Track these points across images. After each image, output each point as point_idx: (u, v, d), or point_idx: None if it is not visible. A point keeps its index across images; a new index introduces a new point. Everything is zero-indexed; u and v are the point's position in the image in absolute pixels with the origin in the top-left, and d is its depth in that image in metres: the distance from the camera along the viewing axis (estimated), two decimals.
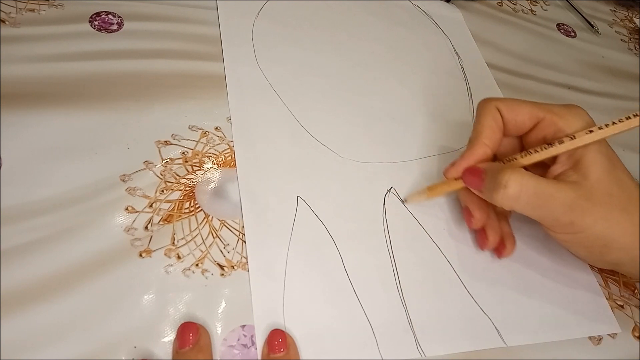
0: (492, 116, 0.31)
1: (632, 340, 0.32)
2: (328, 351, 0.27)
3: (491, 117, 0.31)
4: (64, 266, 0.26)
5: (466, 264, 0.32)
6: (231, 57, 0.37)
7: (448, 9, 0.49)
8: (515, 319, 0.31)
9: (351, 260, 0.30)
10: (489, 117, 0.31)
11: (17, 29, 0.34)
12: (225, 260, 0.28)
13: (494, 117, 0.31)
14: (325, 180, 0.33)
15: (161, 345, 0.25)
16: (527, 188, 0.28)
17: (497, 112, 0.31)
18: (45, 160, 0.29)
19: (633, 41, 0.57)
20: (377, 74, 0.41)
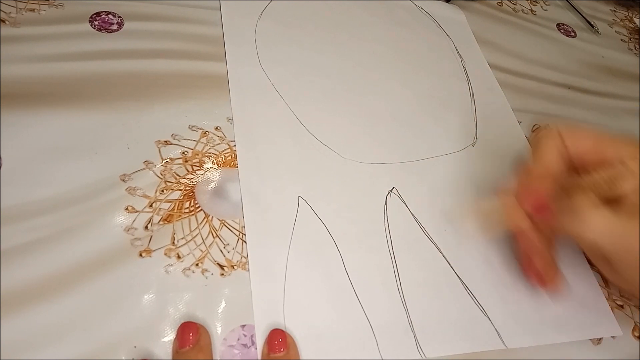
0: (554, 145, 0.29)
1: (632, 340, 0.32)
2: (328, 351, 0.27)
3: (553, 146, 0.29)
4: (64, 266, 0.26)
5: (467, 265, 0.32)
6: (234, 57, 0.37)
7: (451, 10, 0.49)
8: (515, 321, 0.31)
9: (352, 261, 0.30)
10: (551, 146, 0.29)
11: (17, 29, 0.34)
12: (225, 260, 0.28)
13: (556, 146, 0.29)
14: (327, 180, 0.33)
15: (161, 345, 0.25)
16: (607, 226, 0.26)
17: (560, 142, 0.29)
18: (45, 160, 0.29)
19: (633, 41, 0.57)
20: (379, 75, 0.41)
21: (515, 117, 0.42)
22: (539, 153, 0.29)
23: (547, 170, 0.29)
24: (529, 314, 0.31)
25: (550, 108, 0.45)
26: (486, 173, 0.37)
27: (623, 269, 0.28)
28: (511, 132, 0.41)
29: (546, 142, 0.29)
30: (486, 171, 0.37)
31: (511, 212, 0.30)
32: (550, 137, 0.29)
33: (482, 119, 0.41)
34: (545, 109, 0.45)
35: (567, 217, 0.27)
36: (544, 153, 0.29)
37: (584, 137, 0.29)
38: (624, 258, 0.27)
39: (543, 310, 0.32)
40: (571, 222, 0.26)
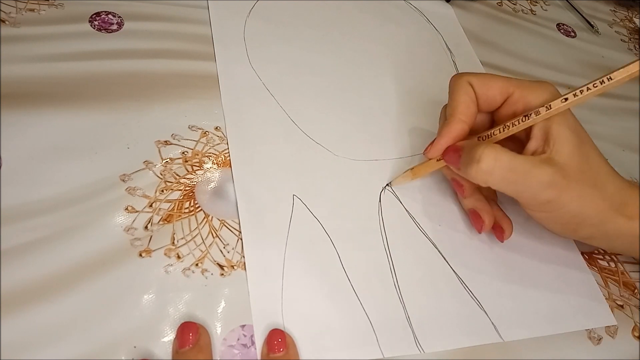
0: (465, 91, 0.31)
1: (632, 340, 0.32)
2: (327, 350, 0.27)
3: (464, 92, 0.31)
4: (64, 266, 0.26)
5: (462, 259, 0.32)
6: (223, 57, 0.37)
7: (440, 6, 0.50)
8: (511, 314, 0.31)
9: (348, 258, 0.30)
10: (461, 92, 0.31)
11: (17, 29, 0.34)
12: (225, 260, 0.28)
13: (467, 92, 0.31)
14: (321, 178, 0.33)
15: (161, 345, 0.25)
16: (501, 163, 0.27)
17: (469, 87, 0.31)
18: (45, 160, 0.29)
19: (633, 41, 0.57)
20: (370, 72, 0.41)
21: None
22: (450, 101, 0.32)
23: (455, 115, 0.31)
24: (525, 306, 0.31)
25: None
26: None
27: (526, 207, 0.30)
28: None
29: (457, 90, 0.31)
30: None
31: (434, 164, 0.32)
32: (459, 83, 0.31)
33: None
34: None
35: (467, 161, 0.28)
36: (454, 100, 0.31)
37: (492, 82, 0.31)
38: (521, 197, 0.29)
39: (538, 303, 0.32)
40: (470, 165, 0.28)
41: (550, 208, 0.29)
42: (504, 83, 0.31)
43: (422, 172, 0.33)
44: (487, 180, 0.28)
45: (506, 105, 0.31)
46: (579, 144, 0.29)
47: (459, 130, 0.31)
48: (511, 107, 0.31)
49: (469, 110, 0.31)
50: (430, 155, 0.32)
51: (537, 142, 0.29)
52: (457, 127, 0.31)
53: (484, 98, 0.31)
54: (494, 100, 0.31)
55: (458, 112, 0.31)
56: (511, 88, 0.31)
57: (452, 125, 0.31)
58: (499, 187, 0.29)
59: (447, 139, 0.31)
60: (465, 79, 0.31)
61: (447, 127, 0.31)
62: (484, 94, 0.31)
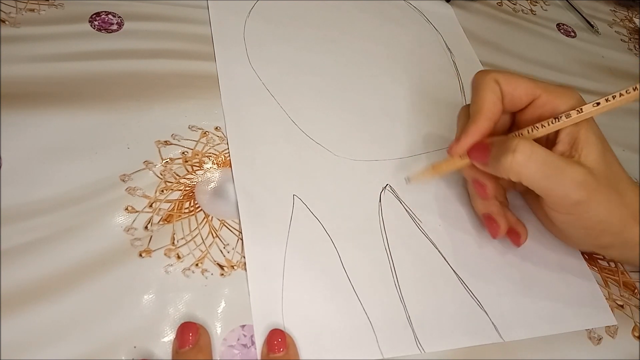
0: (491, 89, 0.30)
1: (632, 340, 0.32)
2: (328, 350, 0.27)
3: (491, 90, 0.30)
4: (64, 266, 0.26)
5: (462, 259, 0.32)
6: (223, 57, 0.37)
7: (440, 6, 0.50)
8: (512, 314, 0.31)
9: (349, 258, 0.30)
10: (488, 90, 0.30)
11: (17, 29, 0.34)
12: (225, 260, 0.28)
13: (493, 90, 0.30)
14: (321, 178, 0.33)
15: (161, 345, 0.25)
16: (537, 155, 0.27)
17: (496, 85, 0.30)
18: (45, 160, 0.29)
19: (633, 41, 0.57)
20: (370, 72, 0.41)
21: None
22: (477, 98, 0.31)
23: (482, 112, 0.30)
24: (525, 306, 0.31)
25: None
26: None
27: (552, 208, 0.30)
28: None
29: (484, 87, 0.30)
30: None
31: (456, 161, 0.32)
32: (487, 82, 0.30)
33: None
34: None
35: (500, 153, 0.28)
36: (481, 98, 0.30)
37: (519, 82, 0.30)
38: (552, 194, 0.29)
39: (539, 303, 0.32)
40: (504, 156, 0.28)
41: (578, 210, 0.28)
42: (531, 84, 0.30)
43: (444, 169, 0.33)
44: (520, 171, 0.28)
45: (532, 108, 0.31)
46: (604, 150, 0.29)
47: (486, 128, 0.30)
48: (537, 110, 0.30)
49: (496, 108, 0.30)
50: (455, 152, 0.31)
51: (564, 146, 0.29)
52: (484, 125, 0.30)
53: (509, 97, 0.31)
54: (520, 101, 0.31)
55: (485, 110, 0.30)
56: (538, 90, 0.30)
57: (479, 123, 0.30)
58: (531, 180, 0.28)
59: (473, 137, 0.30)
60: (492, 76, 0.30)
61: (474, 125, 0.30)
62: (510, 93, 0.30)
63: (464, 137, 0.30)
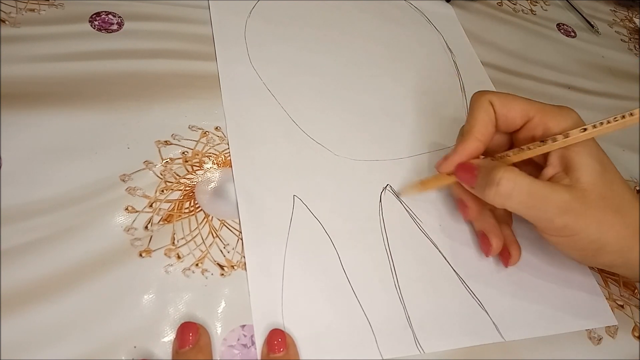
0: (485, 110, 0.31)
1: (632, 340, 0.32)
2: (327, 350, 0.27)
3: (484, 111, 0.31)
4: (64, 266, 0.26)
5: (462, 260, 0.32)
6: (224, 57, 0.37)
7: (440, 6, 0.50)
8: (512, 314, 0.31)
9: (349, 259, 0.30)
10: (481, 111, 0.31)
11: (17, 29, 0.34)
12: (225, 260, 0.28)
13: (487, 111, 0.31)
14: (321, 178, 0.33)
15: (161, 345, 0.25)
16: (521, 187, 0.27)
17: (490, 107, 0.31)
18: (45, 160, 0.29)
19: (633, 41, 0.57)
20: (371, 72, 0.41)
21: None
22: (470, 118, 0.31)
23: (472, 132, 0.31)
24: (526, 306, 0.31)
25: None
26: None
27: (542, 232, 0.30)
28: None
29: (478, 108, 0.31)
30: None
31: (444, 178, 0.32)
32: (481, 103, 0.31)
33: None
34: None
35: (485, 183, 0.28)
36: (474, 118, 0.31)
37: (514, 104, 0.31)
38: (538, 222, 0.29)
39: (539, 302, 0.32)
40: (489, 187, 0.28)
41: (566, 232, 0.28)
42: (526, 106, 0.30)
43: (431, 185, 0.33)
44: (504, 203, 0.28)
45: (525, 129, 0.31)
46: (602, 171, 0.29)
47: (474, 149, 0.31)
48: (530, 131, 0.30)
49: (487, 130, 0.31)
50: (442, 169, 0.31)
51: (554, 169, 0.29)
52: (472, 145, 0.30)
53: (503, 119, 0.31)
54: (514, 122, 0.31)
55: (475, 131, 0.30)
56: (532, 112, 0.30)
57: (467, 143, 0.31)
58: (516, 210, 0.28)
59: (460, 156, 0.31)
60: (487, 97, 0.31)
61: (462, 145, 0.31)
62: (504, 114, 0.31)
63: (451, 155, 0.31)
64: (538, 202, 0.28)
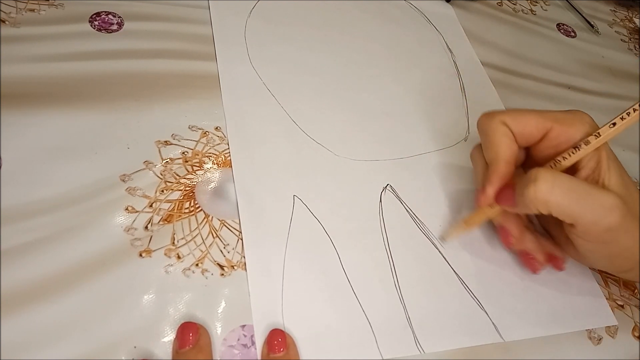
0: (502, 132, 0.30)
1: (632, 340, 0.32)
2: (327, 350, 0.27)
3: (502, 134, 0.30)
4: (64, 266, 0.26)
5: (462, 260, 0.32)
6: (224, 57, 0.37)
7: (440, 6, 0.50)
8: (512, 314, 0.31)
9: (349, 259, 0.30)
10: (499, 134, 0.30)
11: (17, 29, 0.34)
12: (225, 260, 0.28)
13: (504, 132, 0.30)
14: (321, 178, 0.33)
15: (161, 345, 0.25)
16: (561, 182, 0.26)
17: (505, 127, 0.30)
18: (45, 160, 0.29)
19: (633, 41, 0.57)
20: (371, 72, 0.41)
21: None
22: (490, 144, 0.30)
23: (499, 158, 0.30)
24: (525, 306, 0.31)
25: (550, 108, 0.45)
26: None
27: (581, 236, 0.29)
28: None
29: (494, 132, 0.30)
30: None
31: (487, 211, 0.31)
32: (495, 126, 0.30)
33: (474, 113, 0.41)
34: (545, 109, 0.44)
35: (522, 186, 0.27)
36: (494, 144, 0.30)
37: (527, 118, 0.30)
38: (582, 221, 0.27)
39: (539, 303, 0.32)
40: (527, 188, 0.27)
41: (608, 238, 0.27)
42: (539, 118, 0.30)
43: (475, 221, 0.32)
44: (547, 200, 0.27)
45: (546, 141, 0.30)
46: (622, 174, 0.28)
47: (507, 173, 0.30)
48: (552, 141, 0.30)
49: (511, 151, 0.30)
50: (484, 203, 0.30)
51: (587, 172, 0.29)
52: (504, 170, 0.29)
53: (520, 136, 0.30)
54: (531, 137, 0.30)
55: (501, 155, 0.29)
56: (548, 122, 0.30)
57: (499, 169, 0.29)
58: (560, 207, 0.27)
59: (498, 184, 0.30)
60: (498, 119, 0.30)
61: (495, 173, 0.30)
62: (521, 131, 0.30)
63: (488, 186, 0.30)
64: (582, 198, 0.26)
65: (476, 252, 0.33)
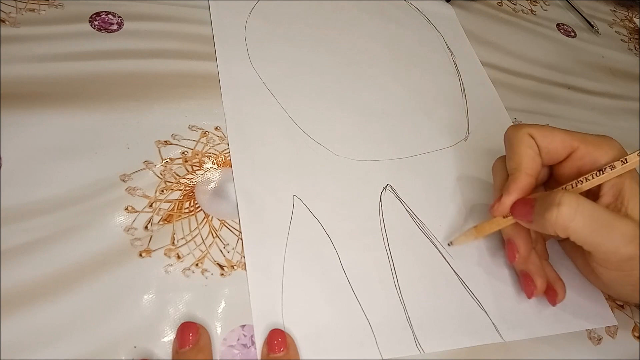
0: (528, 144, 0.29)
1: (632, 340, 0.32)
2: (327, 350, 0.27)
3: (527, 145, 0.29)
4: (64, 266, 0.26)
5: (462, 260, 0.32)
6: (224, 57, 0.37)
7: (440, 6, 0.50)
8: (512, 314, 0.31)
9: (348, 259, 0.30)
10: (524, 145, 0.29)
11: (17, 29, 0.34)
12: (225, 260, 0.28)
13: (529, 144, 0.29)
14: (321, 178, 0.33)
15: (161, 345, 0.25)
16: (584, 208, 0.26)
17: (531, 140, 0.30)
18: (45, 160, 0.29)
19: (633, 41, 0.57)
20: (371, 71, 0.41)
21: (506, 111, 0.42)
22: (513, 154, 0.30)
23: (521, 169, 0.29)
24: (525, 307, 0.31)
25: (550, 108, 0.45)
26: (479, 167, 0.37)
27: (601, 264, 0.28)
28: (503, 126, 0.40)
29: (519, 143, 0.30)
30: (479, 165, 0.38)
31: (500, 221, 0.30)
32: (522, 137, 0.30)
33: (474, 113, 0.41)
34: (545, 109, 0.45)
35: (544, 207, 0.27)
36: (518, 154, 0.30)
37: (554, 135, 0.30)
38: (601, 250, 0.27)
39: (539, 303, 0.32)
40: (549, 211, 0.26)
41: (628, 267, 0.27)
42: (567, 137, 0.29)
43: (486, 230, 0.31)
44: (568, 226, 0.26)
45: (570, 160, 0.30)
46: None
47: (527, 185, 0.29)
48: (576, 162, 0.29)
49: (535, 164, 0.29)
50: (499, 212, 0.30)
51: (608, 198, 0.28)
52: (524, 182, 0.29)
53: (546, 151, 0.30)
54: (557, 154, 0.30)
55: (524, 166, 0.29)
56: (575, 142, 0.29)
57: (519, 180, 0.29)
58: (579, 235, 0.27)
59: (515, 195, 0.29)
60: (526, 130, 0.30)
61: (515, 183, 0.29)
62: (546, 146, 0.30)
63: (505, 195, 0.29)
64: (603, 228, 0.26)
65: (476, 252, 0.33)
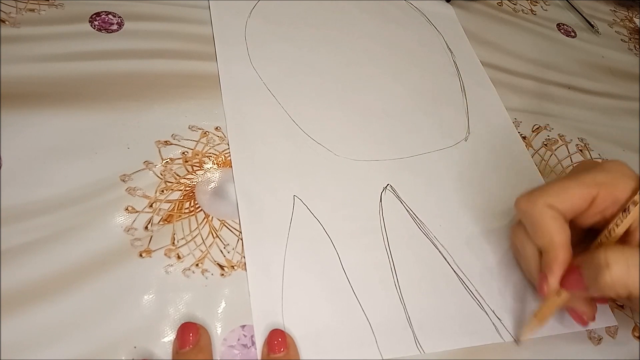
0: (551, 216, 0.28)
1: (632, 340, 0.32)
2: (328, 350, 0.27)
3: (551, 218, 0.28)
4: (64, 266, 0.26)
5: (463, 260, 0.32)
6: (224, 57, 0.37)
7: (440, 6, 0.50)
8: (513, 315, 0.31)
9: (349, 259, 0.30)
10: (548, 219, 0.28)
11: (17, 29, 0.34)
12: (225, 260, 0.28)
13: (553, 216, 0.28)
14: (322, 179, 0.33)
15: (161, 345, 0.25)
16: (634, 260, 0.25)
17: (552, 210, 0.28)
18: (45, 160, 0.29)
19: (633, 41, 0.57)
20: (371, 71, 0.41)
21: (506, 111, 0.42)
22: (541, 231, 0.29)
23: (559, 244, 0.28)
24: (526, 307, 0.31)
25: (550, 108, 0.45)
26: (480, 167, 0.37)
27: None
28: (503, 126, 0.41)
29: (543, 217, 0.29)
30: (480, 165, 0.38)
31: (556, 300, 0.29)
32: (542, 210, 0.29)
33: (474, 113, 0.41)
34: (545, 109, 0.45)
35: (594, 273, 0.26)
36: (546, 230, 0.29)
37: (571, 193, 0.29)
38: None
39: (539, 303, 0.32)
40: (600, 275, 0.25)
41: None
42: (582, 188, 0.28)
43: (547, 314, 0.30)
44: (627, 284, 0.25)
45: (593, 208, 0.29)
46: None
47: (567, 259, 0.28)
48: (598, 207, 0.29)
49: (566, 234, 0.28)
50: (550, 291, 0.29)
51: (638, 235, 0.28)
52: (563, 257, 0.28)
53: (569, 212, 0.29)
54: (580, 208, 0.29)
55: (557, 242, 0.28)
56: (593, 190, 0.28)
57: (559, 256, 0.28)
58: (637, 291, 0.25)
59: (559, 273, 0.28)
60: (543, 202, 0.28)
61: (555, 261, 0.28)
62: (568, 209, 0.29)
63: (550, 276, 0.28)
64: None
65: (476, 252, 0.33)
